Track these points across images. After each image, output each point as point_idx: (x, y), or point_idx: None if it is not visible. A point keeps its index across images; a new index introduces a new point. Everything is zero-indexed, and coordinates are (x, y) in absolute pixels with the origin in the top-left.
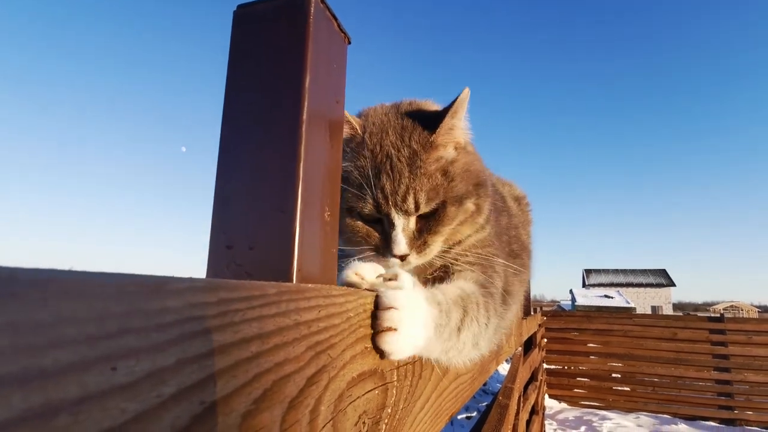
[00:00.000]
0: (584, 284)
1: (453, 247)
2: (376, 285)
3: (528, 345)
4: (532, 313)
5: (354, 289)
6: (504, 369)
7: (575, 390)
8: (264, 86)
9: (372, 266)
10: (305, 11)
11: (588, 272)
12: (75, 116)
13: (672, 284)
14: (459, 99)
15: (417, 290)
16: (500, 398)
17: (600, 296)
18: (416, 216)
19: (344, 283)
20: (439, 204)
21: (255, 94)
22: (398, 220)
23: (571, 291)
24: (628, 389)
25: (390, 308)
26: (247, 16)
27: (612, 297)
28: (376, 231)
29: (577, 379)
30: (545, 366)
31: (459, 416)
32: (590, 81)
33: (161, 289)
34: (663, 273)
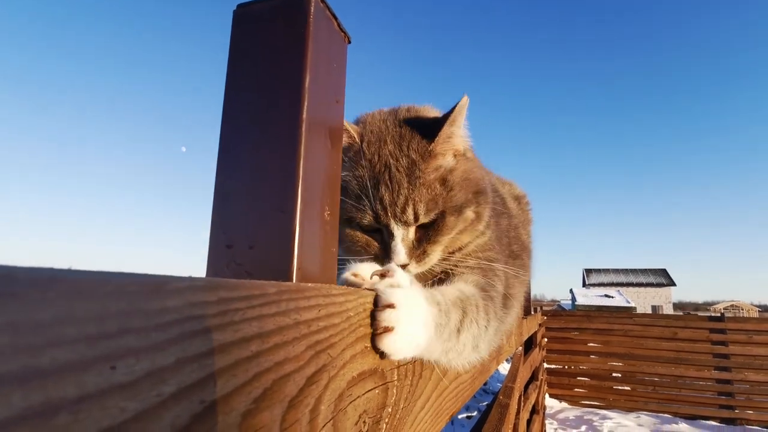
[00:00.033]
0: (584, 284)
1: (453, 254)
2: (376, 285)
3: (528, 344)
4: (533, 313)
5: (354, 289)
6: (504, 368)
7: (576, 389)
8: (262, 86)
9: (370, 266)
10: (305, 11)
11: (588, 272)
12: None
13: (672, 284)
14: (458, 106)
15: (415, 288)
16: (501, 397)
17: (600, 296)
18: (415, 226)
19: (344, 285)
20: (438, 214)
21: (253, 94)
22: (397, 231)
23: (572, 290)
24: (629, 389)
25: (387, 306)
26: (247, 16)
27: (612, 296)
28: (376, 240)
29: (578, 379)
30: (546, 365)
31: (459, 416)
32: (590, 81)
33: (161, 289)
34: (663, 272)
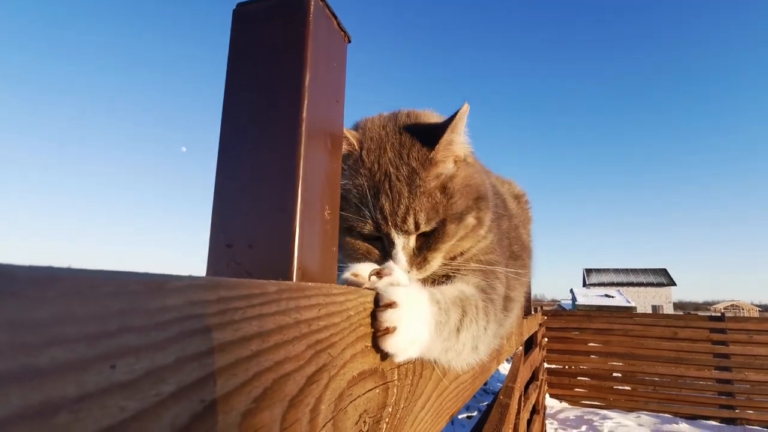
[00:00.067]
0: (585, 284)
1: (455, 259)
2: (375, 283)
3: (529, 344)
4: (533, 313)
5: (354, 288)
6: (505, 368)
7: (576, 389)
8: (262, 86)
9: (371, 266)
10: (304, 9)
11: (588, 272)
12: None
13: (672, 283)
14: (459, 113)
15: (415, 286)
16: (501, 397)
17: (600, 295)
18: (416, 234)
19: (344, 285)
20: (439, 222)
21: (253, 94)
22: (398, 240)
23: (572, 290)
24: (629, 388)
25: (388, 304)
26: (246, 15)
27: (612, 296)
28: (376, 248)
29: (578, 379)
30: (546, 365)
31: (460, 415)
32: (590, 80)
33: (161, 288)
34: (663, 272)
